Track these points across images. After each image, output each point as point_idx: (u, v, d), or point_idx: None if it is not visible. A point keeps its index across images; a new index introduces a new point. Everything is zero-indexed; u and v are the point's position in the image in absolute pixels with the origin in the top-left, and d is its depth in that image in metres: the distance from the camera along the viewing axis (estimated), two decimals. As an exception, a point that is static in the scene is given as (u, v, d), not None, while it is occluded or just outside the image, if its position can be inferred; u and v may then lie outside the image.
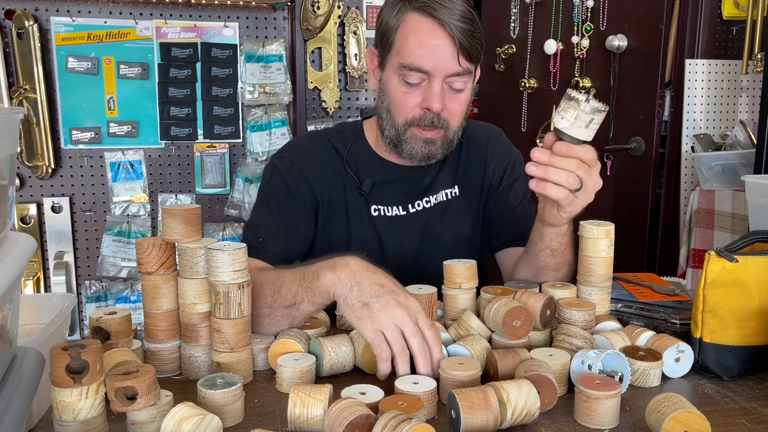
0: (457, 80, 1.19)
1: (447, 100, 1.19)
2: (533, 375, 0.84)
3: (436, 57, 1.16)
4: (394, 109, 1.23)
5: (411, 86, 1.19)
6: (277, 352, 0.98)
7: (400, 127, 1.23)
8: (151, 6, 2.53)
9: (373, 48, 1.29)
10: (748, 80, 2.22)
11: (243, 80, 2.62)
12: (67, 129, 2.51)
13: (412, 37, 1.17)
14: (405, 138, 1.23)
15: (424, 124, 1.21)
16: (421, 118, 1.20)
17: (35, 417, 0.84)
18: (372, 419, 0.74)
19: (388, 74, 1.23)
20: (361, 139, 1.36)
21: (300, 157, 1.33)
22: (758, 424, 0.84)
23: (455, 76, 1.18)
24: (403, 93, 1.20)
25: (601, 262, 1.08)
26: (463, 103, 1.23)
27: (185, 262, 0.95)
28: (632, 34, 2.26)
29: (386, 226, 1.32)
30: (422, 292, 1.09)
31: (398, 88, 1.21)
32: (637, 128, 2.27)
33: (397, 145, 1.26)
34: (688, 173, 2.21)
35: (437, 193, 1.35)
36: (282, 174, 1.31)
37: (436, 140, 1.23)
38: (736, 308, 0.96)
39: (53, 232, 2.54)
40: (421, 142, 1.23)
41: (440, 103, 1.18)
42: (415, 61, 1.16)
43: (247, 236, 1.29)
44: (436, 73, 1.17)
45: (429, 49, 1.15)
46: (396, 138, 1.25)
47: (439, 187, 1.35)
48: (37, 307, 1.01)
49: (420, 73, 1.17)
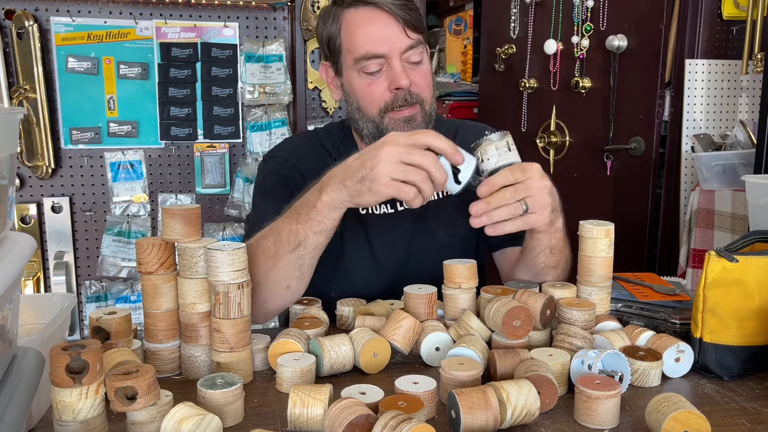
0: (412, 53, 1.22)
1: (412, 76, 1.22)
2: (533, 375, 0.84)
3: (385, 38, 1.20)
4: (365, 104, 1.25)
5: (373, 75, 1.22)
6: (276, 352, 0.98)
7: (377, 118, 1.25)
8: (151, 6, 2.52)
9: (323, 62, 1.33)
10: (748, 80, 2.22)
11: (243, 80, 2.62)
12: (67, 129, 2.51)
13: (356, 29, 1.21)
14: (384, 126, 1.24)
15: (398, 105, 1.23)
16: (393, 100, 1.23)
17: (35, 417, 0.84)
18: (372, 419, 0.74)
19: (347, 76, 1.26)
20: (349, 138, 1.38)
21: (292, 155, 1.36)
22: (758, 424, 0.84)
23: (409, 50, 1.22)
24: (367, 85, 1.23)
25: (601, 262, 1.08)
26: (427, 74, 1.26)
27: (185, 262, 0.95)
28: (632, 34, 2.26)
29: (374, 224, 1.32)
30: (422, 291, 1.09)
31: (361, 82, 1.24)
32: (637, 128, 2.27)
33: (378, 135, 1.25)
34: (688, 173, 2.21)
35: None
36: (277, 168, 1.34)
37: (415, 116, 1.24)
38: (736, 308, 0.96)
39: (53, 232, 2.54)
40: (401, 123, 1.24)
41: (406, 78, 1.20)
42: (369, 49, 1.20)
43: (249, 227, 1.29)
44: (391, 53, 1.21)
45: (376, 34, 1.20)
46: (376, 131, 1.26)
47: None
48: (37, 307, 1.01)
49: (377, 59, 1.21)
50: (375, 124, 1.25)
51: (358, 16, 1.22)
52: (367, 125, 1.27)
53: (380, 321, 1.09)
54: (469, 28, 3.74)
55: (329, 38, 1.27)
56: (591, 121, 2.41)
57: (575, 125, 2.50)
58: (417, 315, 1.08)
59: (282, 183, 1.31)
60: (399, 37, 1.20)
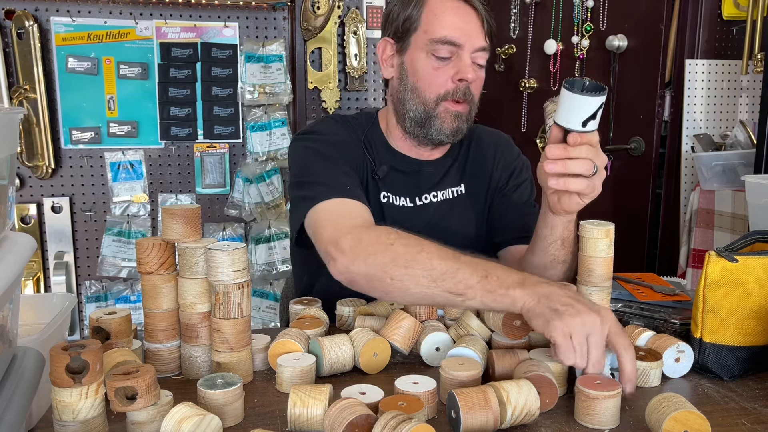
0: (480, 56, 1.26)
1: (474, 75, 1.25)
2: (533, 375, 0.84)
3: (467, 31, 1.23)
4: (424, 86, 1.26)
5: (442, 61, 1.24)
6: (276, 352, 0.98)
7: (431, 103, 1.25)
8: (151, 6, 2.52)
9: (387, 38, 1.32)
10: (748, 80, 2.22)
11: (243, 80, 2.62)
12: (67, 129, 2.51)
13: (441, 13, 1.24)
14: (435, 114, 1.26)
15: (456, 96, 1.24)
16: (453, 91, 1.24)
17: (35, 417, 0.84)
18: (372, 419, 0.74)
19: (413, 55, 1.27)
20: (376, 128, 1.38)
21: (332, 130, 1.33)
22: (758, 424, 0.84)
23: (480, 52, 1.25)
24: (434, 68, 1.25)
25: (601, 262, 1.07)
26: (482, 81, 1.30)
27: (185, 262, 0.95)
28: (632, 34, 2.26)
29: (394, 215, 1.33)
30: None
31: (428, 63, 1.25)
32: (637, 128, 2.27)
33: (424, 123, 1.27)
34: (688, 173, 2.21)
35: (444, 189, 1.37)
36: (324, 135, 1.30)
37: (464, 114, 1.27)
38: (736, 308, 0.96)
39: (53, 232, 2.54)
40: (451, 116, 1.26)
41: (472, 73, 1.23)
42: (449, 34, 1.22)
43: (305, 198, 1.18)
44: (466, 46, 1.23)
45: (459, 23, 1.23)
46: (424, 116, 1.26)
47: (447, 184, 1.37)
48: (37, 307, 1.01)
49: (451, 47, 1.23)
50: (427, 109, 1.26)
51: (446, 4, 1.25)
52: (417, 108, 1.27)
53: (380, 321, 1.09)
54: (469, 28, 3.74)
55: (406, 18, 1.27)
56: (591, 121, 2.40)
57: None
58: (417, 315, 1.08)
59: (333, 145, 1.27)
60: (478, 34, 1.24)
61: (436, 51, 1.23)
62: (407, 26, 1.27)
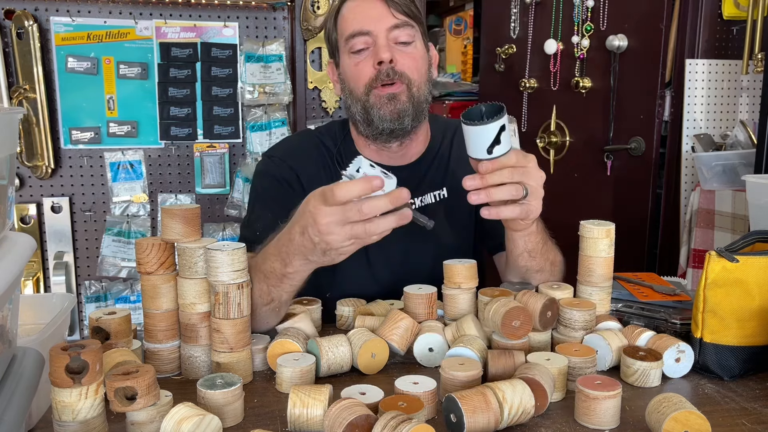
0: (400, 34, 1.24)
1: (397, 54, 1.24)
2: (524, 377, 0.84)
3: (372, 16, 1.24)
4: (353, 83, 1.27)
5: (359, 54, 1.25)
6: (275, 353, 0.98)
7: (363, 96, 1.26)
8: (151, 6, 2.52)
9: (329, 60, 1.37)
10: (748, 80, 2.22)
11: (243, 80, 2.62)
12: (66, 129, 2.51)
13: (347, 14, 1.27)
14: (370, 104, 1.25)
15: (381, 80, 1.24)
16: (377, 76, 1.24)
17: (35, 417, 0.84)
18: (372, 419, 0.74)
19: (342, 64, 1.30)
20: (349, 138, 1.38)
21: (289, 155, 1.36)
22: (758, 424, 0.84)
23: (396, 29, 1.24)
24: (355, 64, 1.26)
25: (601, 262, 1.08)
26: (417, 57, 1.27)
27: (184, 262, 0.95)
28: (632, 34, 2.26)
29: None
30: (422, 291, 1.09)
31: (350, 62, 1.27)
32: (637, 128, 2.27)
33: (367, 118, 1.26)
34: (688, 173, 2.21)
35: (424, 194, 1.36)
36: (272, 171, 1.34)
37: (399, 95, 1.24)
38: (736, 308, 0.96)
39: (53, 232, 2.54)
40: (385, 100, 1.24)
41: (387, 52, 1.22)
42: (355, 27, 1.24)
43: (243, 234, 1.31)
44: (376, 30, 1.23)
45: (363, 14, 1.25)
46: (363, 111, 1.26)
47: (426, 188, 1.36)
48: (36, 307, 1.01)
49: (363, 36, 1.24)
50: (362, 103, 1.26)
51: (351, 4, 1.28)
52: (357, 108, 1.28)
53: (380, 321, 1.09)
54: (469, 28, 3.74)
55: (329, 34, 1.32)
56: (591, 121, 2.40)
57: (575, 125, 2.50)
58: (416, 315, 1.08)
59: (276, 184, 1.32)
60: (384, 15, 1.23)
61: (352, 47, 1.25)
62: (333, 41, 1.31)
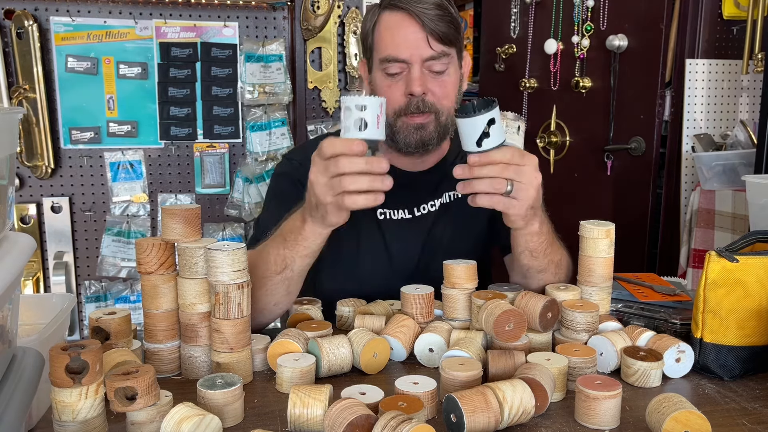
0: (435, 63, 1.23)
1: (429, 84, 1.24)
2: (524, 378, 0.84)
3: (410, 44, 1.22)
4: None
5: (393, 78, 1.25)
6: (275, 353, 0.98)
7: (391, 120, 1.26)
8: (151, 6, 2.52)
9: (362, 58, 1.36)
10: (748, 80, 2.22)
11: (243, 80, 2.62)
12: (66, 129, 2.51)
13: (385, 31, 1.25)
14: (397, 128, 1.26)
15: (411, 111, 1.24)
16: (407, 106, 1.24)
17: (35, 417, 0.84)
18: (372, 419, 0.74)
19: (374, 74, 1.29)
20: None
21: (308, 159, 1.34)
22: (758, 424, 0.84)
23: (432, 60, 1.23)
24: (387, 86, 1.25)
25: (601, 262, 1.08)
26: (448, 85, 1.27)
27: (185, 262, 0.95)
28: (632, 34, 2.26)
29: (392, 229, 1.34)
30: (419, 291, 1.09)
31: (383, 82, 1.26)
32: (637, 128, 2.26)
33: (392, 137, 1.27)
34: (688, 173, 2.21)
35: (441, 196, 1.37)
36: (290, 173, 1.35)
37: (427, 125, 1.25)
38: (736, 308, 0.96)
39: (53, 232, 2.54)
40: (412, 129, 1.25)
41: (420, 86, 1.22)
42: (391, 52, 1.23)
43: (255, 233, 1.32)
44: (412, 60, 1.22)
45: (401, 39, 1.22)
46: (389, 131, 1.26)
47: (443, 189, 1.37)
48: (36, 307, 1.01)
49: (398, 63, 1.23)
50: (390, 125, 1.26)
51: (390, 18, 1.24)
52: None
53: (380, 320, 1.09)
54: (469, 28, 3.74)
55: (365, 35, 1.31)
56: (591, 121, 2.40)
57: (575, 125, 2.50)
58: (414, 315, 1.08)
59: (292, 186, 1.32)
60: (421, 45, 1.21)
61: (386, 69, 1.25)
62: (368, 45, 1.30)
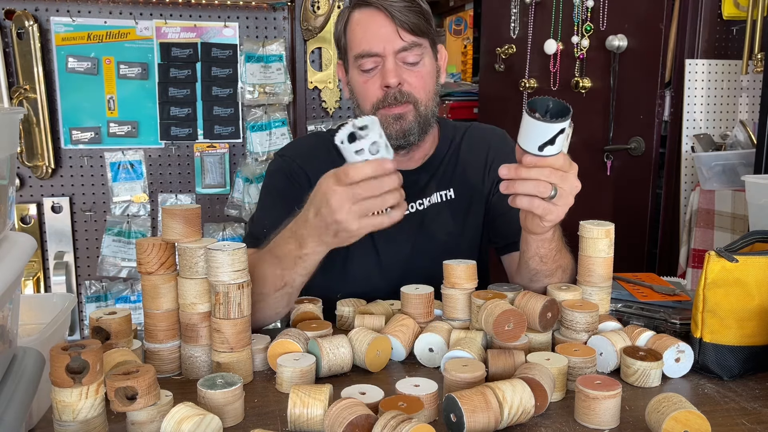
0: (408, 54, 1.25)
1: (405, 75, 1.25)
2: (523, 377, 0.84)
3: (381, 37, 1.24)
4: (361, 100, 1.30)
5: (368, 73, 1.27)
6: (275, 353, 0.98)
7: (370, 113, 1.27)
8: (151, 6, 2.52)
9: (338, 61, 1.38)
10: (748, 80, 2.22)
11: (243, 80, 2.62)
12: (67, 129, 2.51)
13: (356, 28, 1.27)
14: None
15: (388, 102, 1.26)
16: (384, 98, 1.26)
17: (35, 417, 0.84)
18: (372, 419, 0.74)
19: (350, 74, 1.31)
20: None
21: (300, 155, 1.39)
22: (758, 424, 0.84)
23: (404, 51, 1.25)
24: (363, 82, 1.28)
25: (601, 262, 1.08)
26: (425, 76, 1.28)
27: (185, 262, 0.95)
28: (632, 34, 2.26)
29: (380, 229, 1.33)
30: (419, 291, 1.09)
31: (359, 79, 1.28)
32: (637, 128, 2.27)
33: None
34: (688, 173, 2.21)
35: (431, 195, 1.36)
36: (283, 170, 1.37)
37: (406, 115, 1.26)
38: (736, 308, 0.96)
39: (53, 232, 2.54)
40: (391, 120, 1.26)
41: (395, 77, 1.24)
42: (364, 47, 1.25)
43: (250, 229, 1.34)
44: (385, 52, 1.24)
45: (372, 33, 1.25)
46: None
47: (433, 189, 1.37)
48: (37, 307, 1.01)
49: (372, 57, 1.25)
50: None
51: (361, 16, 1.27)
52: None
53: (380, 320, 1.09)
54: (469, 28, 3.74)
55: (338, 37, 1.33)
56: (591, 121, 2.40)
57: (575, 125, 2.50)
58: (414, 315, 1.08)
59: (286, 182, 1.34)
60: (391, 37, 1.24)
61: (361, 65, 1.27)
62: (342, 46, 1.32)
